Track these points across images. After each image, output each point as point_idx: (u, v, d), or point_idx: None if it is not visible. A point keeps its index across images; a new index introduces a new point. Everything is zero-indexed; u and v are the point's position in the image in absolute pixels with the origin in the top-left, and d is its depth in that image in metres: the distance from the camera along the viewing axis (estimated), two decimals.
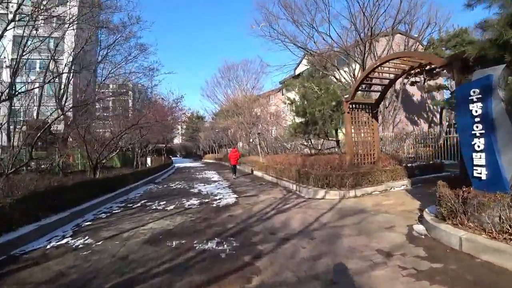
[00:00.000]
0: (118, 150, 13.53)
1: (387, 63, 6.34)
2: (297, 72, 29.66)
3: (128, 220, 5.86)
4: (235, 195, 8.40)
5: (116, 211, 7.02)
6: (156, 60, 22.73)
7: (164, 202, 7.80)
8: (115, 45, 18.83)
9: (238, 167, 15.38)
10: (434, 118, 25.90)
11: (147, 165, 25.23)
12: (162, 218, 5.89)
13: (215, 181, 12.73)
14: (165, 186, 12.02)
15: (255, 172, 15.19)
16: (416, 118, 25.37)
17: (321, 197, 7.18)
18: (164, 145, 29.79)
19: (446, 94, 27.09)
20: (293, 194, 8.12)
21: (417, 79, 20.03)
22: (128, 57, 20.28)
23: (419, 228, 4.42)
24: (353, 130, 7.92)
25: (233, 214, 5.93)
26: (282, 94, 38.56)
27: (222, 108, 30.62)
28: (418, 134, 10.63)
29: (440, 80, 22.70)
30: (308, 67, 19.79)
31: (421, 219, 4.78)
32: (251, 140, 27.20)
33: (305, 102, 8.70)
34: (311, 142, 11.55)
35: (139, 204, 7.79)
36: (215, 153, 42.44)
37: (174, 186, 11.86)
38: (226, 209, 6.43)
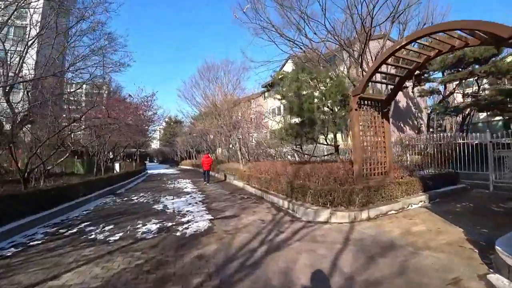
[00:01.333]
0: (67, 155, 11.07)
1: (416, 42, 4.77)
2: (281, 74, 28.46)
3: (38, 264, 3.72)
4: (210, 216, 6.40)
5: (35, 242, 4.82)
6: (127, 54, 19.71)
7: (111, 227, 5.66)
8: (78, 34, 16.35)
9: (215, 175, 13.57)
10: (420, 125, 25.44)
11: (115, 171, 22.56)
12: (93, 261, 3.80)
13: (187, 193, 10.62)
14: (125, 199, 9.74)
15: (235, 182, 13.23)
16: (402, 125, 24.75)
17: (324, 220, 5.38)
18: (135, 150, 26.95)
19: (430, 100, 26.94)
20: (285, 214, 6.27)
21: (407, 84, 19.19)
22: (94, 47, 17.79)
23: (499, 281, 2.77)
24: (361, 132, 6.26)
25: (204, 253, 3.94)
26: (264, 99, 37.20)
27: (200, 112, 28.45)
28: (427, 138, 9.23)
29: (425, 86, 22.23)
30: (294, 68, 18.41)
31: (488, 262, 3.18)
32: (230, 145, 25.34)
33: (302, 97, 6.95)
34: (301, 148, 9.86)
35: (75, 230, 5.60)
36: (193, 159, 40.04)
37: (136, 199, 9.62)
38: (194, 243, 4.42)
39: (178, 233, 5.03)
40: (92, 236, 5.05)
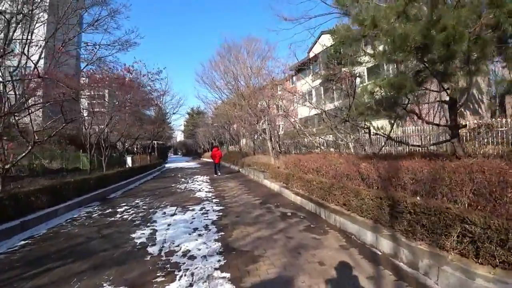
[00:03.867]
0: (30, 148, 8.22)
1: None
2: (312, 54, 24.35)
3: None
4: (228, 273, 2.95)
5: None
6: (132, 30, 16.22)
7: None
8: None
9: (239, 170, 14.62)
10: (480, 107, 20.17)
11: (127, 166, 20.07)
12: None
13: (198, 202, 7.28)
14: (107, 212, 6.60)
15: (265, 182, 9.73)
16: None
17: None
18: (151, 142, 24.37)
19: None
20: (393, 269, 2.66)
21: None
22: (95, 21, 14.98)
23: None
24: None
25: None
26: (292, 84, 33.09)
27: (221, 98, 25.16)
28: None
29: None
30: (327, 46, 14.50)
31: None
32: (255, 136, 21.91)
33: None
34: (391, 128, 6.16)
35: None
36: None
37: (121, 213, 6.40)
38: None
39: None
40: None
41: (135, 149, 25.70)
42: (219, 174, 14.76)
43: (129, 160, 20.54)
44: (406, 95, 3.87)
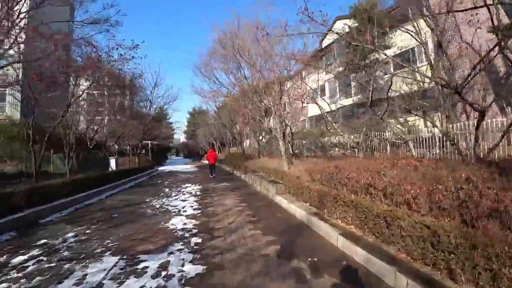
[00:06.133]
0: None
1: None
2: (325, 44, 21.24)
3: None
4: None
5: None
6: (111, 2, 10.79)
7: None
8: None
9: (240, 176, 11.51)
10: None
11: (110, 169, 17.04)
12: None
13: (167, 243, 4.11)
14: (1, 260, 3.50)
15: (280, 200, 6.50)
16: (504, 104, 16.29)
17: None
18: (139, 142, 21.21)
19: None
20: None
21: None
22: None
23: None
24: None
25: None
26: (303, 78, 29.85)
27: (225, 95, 22.05)
28: None
29: None
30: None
31: None
32: (260, 137, 18.82)
33: None
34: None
35: None
36: (217, 152, 34.22)
37: (15, 268, 3.31)
38: None
39: None
40: None
41: (130, 149, 22.63)
42: (214, 175, 14.25)
43: (112, 162, 17.51)
44: None
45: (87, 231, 4.90)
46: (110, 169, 16.77)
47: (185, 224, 5.11)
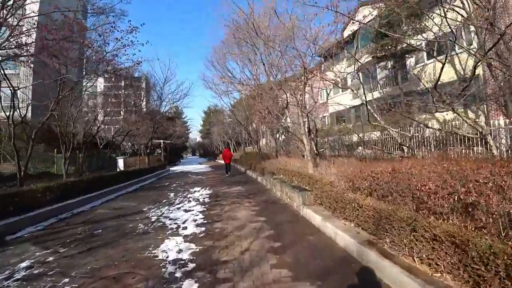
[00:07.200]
0: None
1: None
2: (346, 34, 19.33)
3: None
4: None
5: None
6: None
7: None
8: None
9: (257, 178, 11.14)
10: None
11: (118, 169, 16.10)
12: None
13: None
14: None
15: (311, 214, 4.92)
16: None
17: None
18: (149, 140, 20.14)
19: None
20: None
21: None
22: None
23: None
24: None
25: None
26: (322, 71, 27.95)
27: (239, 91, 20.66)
28: None
29: None
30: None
31: None
32: (277, 135, 17.32)
33: None
34: None
35: None
36: (233, 151, 33.04)
37: None
38: None
39: None
40: None
41: (143, 149, 21.68)
42: (228, 174, 14.70)
43: (120, 162, 16.56)
44: None
45: (49, 259, 3.57)
46: (118, 170, 15.82)
47: (180, 251, 3.67)
